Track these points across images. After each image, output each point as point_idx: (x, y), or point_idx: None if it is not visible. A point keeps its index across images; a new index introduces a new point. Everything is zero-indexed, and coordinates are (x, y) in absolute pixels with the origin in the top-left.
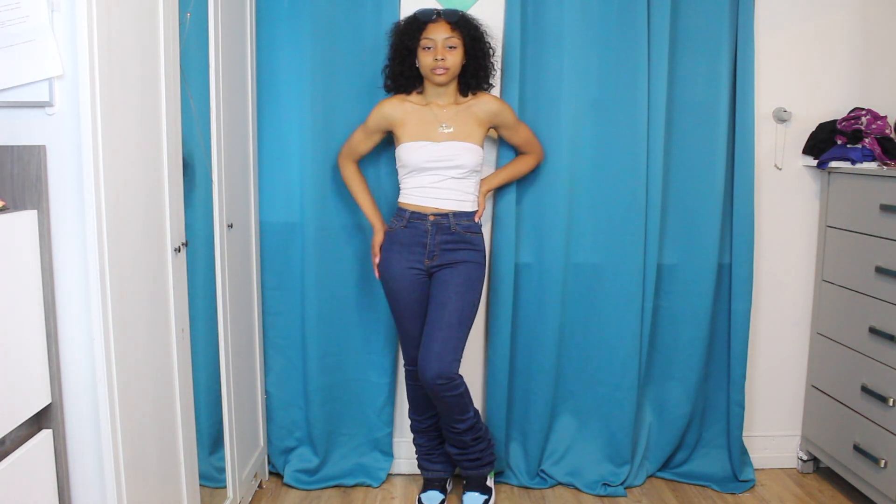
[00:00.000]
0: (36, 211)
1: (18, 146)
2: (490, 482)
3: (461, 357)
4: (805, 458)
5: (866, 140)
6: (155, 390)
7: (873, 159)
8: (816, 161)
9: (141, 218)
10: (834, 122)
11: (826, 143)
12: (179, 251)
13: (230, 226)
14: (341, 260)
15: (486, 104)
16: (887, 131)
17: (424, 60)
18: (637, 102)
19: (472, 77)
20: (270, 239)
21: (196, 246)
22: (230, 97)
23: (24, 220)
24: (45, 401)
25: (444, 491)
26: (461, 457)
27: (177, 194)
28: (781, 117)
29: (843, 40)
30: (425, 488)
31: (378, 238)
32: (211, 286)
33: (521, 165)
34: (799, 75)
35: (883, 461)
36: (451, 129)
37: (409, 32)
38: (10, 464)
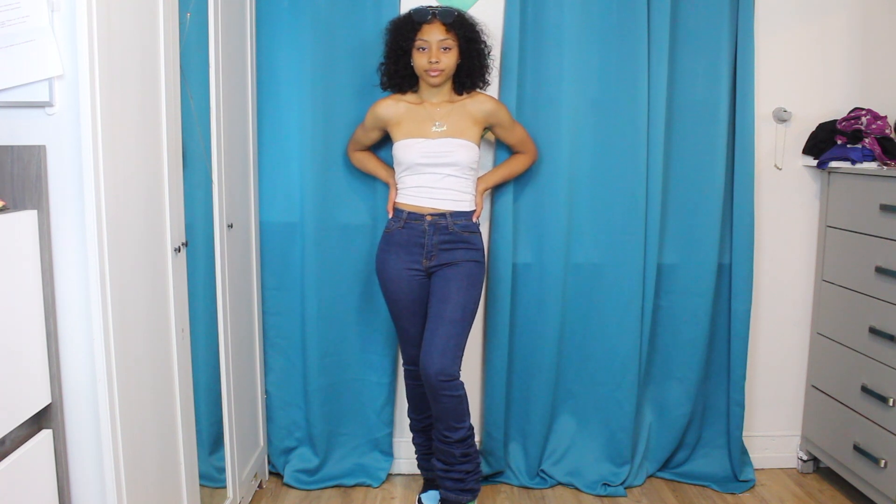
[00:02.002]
0: (36, 211)
1: (18, 146)
2: None
3: (462, 357)
4: (805, 458)
5: (866, 140)
6: (155, 390)
7: (873, 159)
8: (816, 161)
9: (141, 218)
10: (834, 122)
11: (826, 143)
12: (179, 251)
13: (230, 226)
14: (341, 260)
15: (481, 104)
16: (887, 131)
17: (419, 61)
18: (637, 102)
19: (467, 76)
20: (270, 239)
21: (196, 246)
22: (230, 97)
23: (24, 220)
24: (45, 401)
25: None
26: (445, 474)
27: (177, 194)
28: (781, 117)
29: (843, 40)
30: (425, 488)
31: (392, 194)
32: (211, 286)
33: (517, 164)
34: (799, 75)
35: (883, 461)
36: (445, 128)
37: (404, 33)
38: (10, 464)
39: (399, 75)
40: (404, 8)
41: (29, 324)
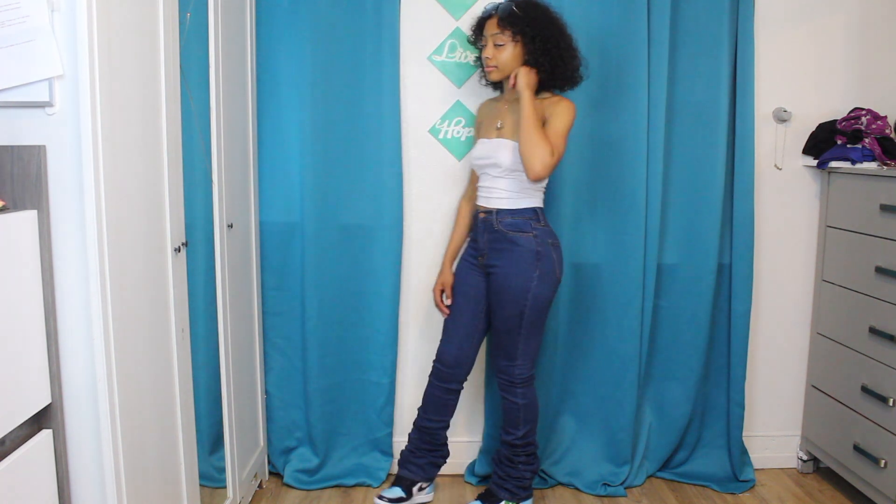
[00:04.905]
0: (36, 211)
1: (18, 146)
2: None
3: (525, 364)
4: (805, 458)
5: (866, 140)
6: (155, 390)
7: (873, 159)
8: (816, 161)
9: (141, 218)
10: (834, 122)
11: (826, 143)
12: (179, 251)
13: (230, 226)
14: (341, 260)
15: (550, 105)
16: (887, 131)
17: (482, 58)
18: (637, 102)
19: (544, 75)
20: (270, 239)
21: (196, 246)
22: (230, 97)
23: (24, 220)
24: (45, 401)
25: (407, 493)
26: (494, 465)
27: (177, 194)
28: (781, 117)
29: (842, 40)
30: (393, 484)
31: (440, 279)
32: (211, 286)
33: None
34: (799, 75)
35: (883, 461)
36: (503, 128)
37: (475, 30)
38: (10, 464)
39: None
40: (404, 8)
41: (29, 324)
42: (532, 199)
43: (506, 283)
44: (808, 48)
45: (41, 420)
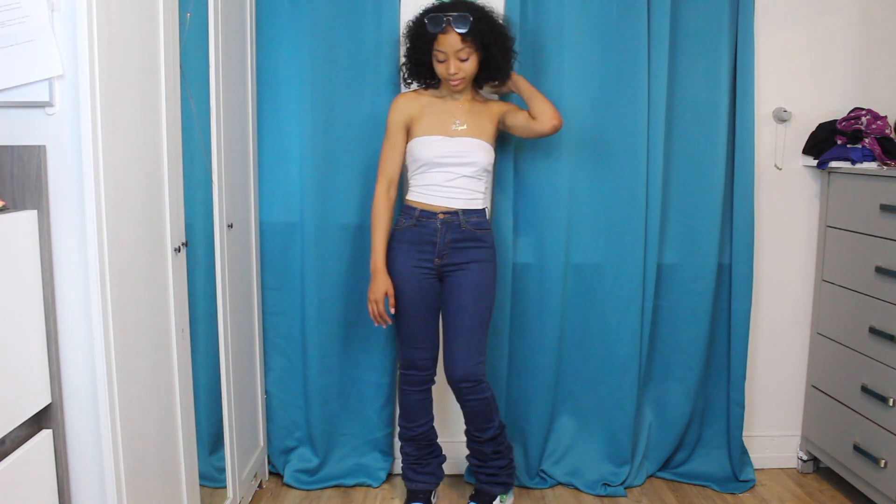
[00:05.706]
0: (36, 211)
1: (18, 146)
2: None
3: (485, 359)
4: (805, 458)
5: (866, 140)
6: (155, 390)
7: (873, 159)
8: (816, 161)
9: (141, 218)
10: (834, 122)
11: (826, 143)
12: (179, 251)
13: (230, 226)
14: (341, 260)
15: (499, 104)
16: (887, 131)
17: (439, 70)
18: (637, 102)
19: (488, 77)
20: (270, 239)
21: (196, 246)
22: (230, 97)
23: (24, 220)
24: (45, 401)
25: (428, 503)
26: (478, 469)
27: (177, 194)
28: (781, 117)
29: (842, 40)
30: (409, 500)
31: (379, 287)
32: (211, 286)
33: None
34: (799, 75)
35: (883, 461)
36: (465, 127)
37: (421, 44)
38: (10, 464)
39: (421, 75)
40: (404, 9)
41: (29, 324)
42: (487, 199)
43: (481, 278)
44: (808, 48)
45: (41, 420)
